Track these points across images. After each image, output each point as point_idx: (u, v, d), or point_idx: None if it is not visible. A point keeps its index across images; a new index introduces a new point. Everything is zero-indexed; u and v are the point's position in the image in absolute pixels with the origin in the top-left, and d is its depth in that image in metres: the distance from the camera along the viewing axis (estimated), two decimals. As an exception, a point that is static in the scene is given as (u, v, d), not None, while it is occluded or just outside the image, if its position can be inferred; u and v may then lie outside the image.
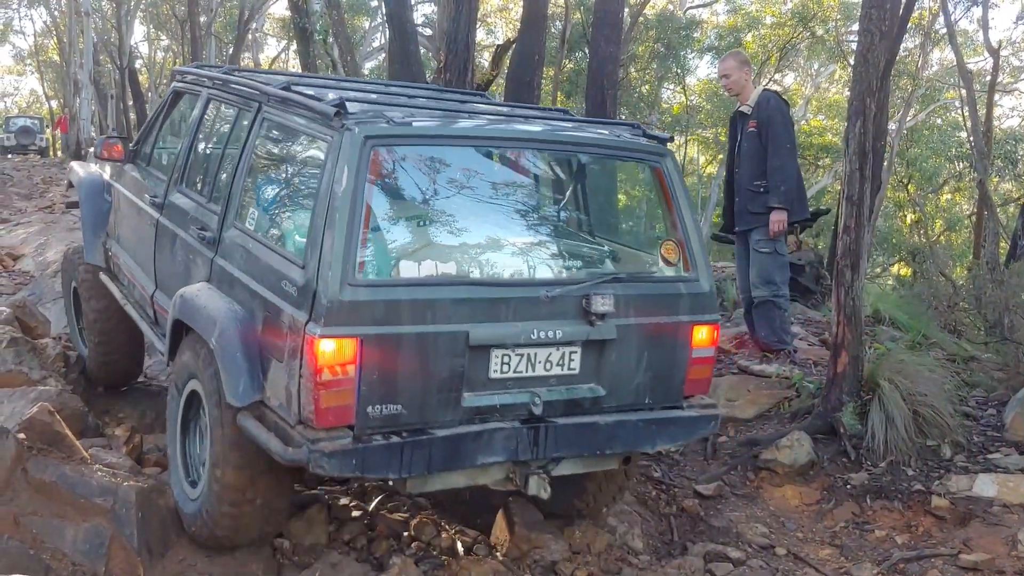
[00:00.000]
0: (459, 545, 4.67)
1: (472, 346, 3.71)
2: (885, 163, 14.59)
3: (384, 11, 15.32)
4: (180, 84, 5.63)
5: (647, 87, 23.47)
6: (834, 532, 5.11)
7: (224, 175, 4.52)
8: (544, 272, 4.14)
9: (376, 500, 5.08)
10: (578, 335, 3.92)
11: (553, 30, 19.38)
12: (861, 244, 5.66)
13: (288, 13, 19.12)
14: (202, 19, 27.18)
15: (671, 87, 25.50)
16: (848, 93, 7.42)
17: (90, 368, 6.26)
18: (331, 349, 3.45)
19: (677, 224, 4.31)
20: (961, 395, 6.12)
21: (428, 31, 22.85)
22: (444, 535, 4.72)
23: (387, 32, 12.97)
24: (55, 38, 37.19)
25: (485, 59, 21.40)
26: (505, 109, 5.05)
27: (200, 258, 4.44)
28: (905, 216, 23.77)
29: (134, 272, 5.44)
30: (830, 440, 5.64)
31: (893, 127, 19.14)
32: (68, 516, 3.92)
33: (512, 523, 4.69)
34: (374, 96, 4.47)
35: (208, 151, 4.96)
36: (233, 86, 4.82)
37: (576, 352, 3.95)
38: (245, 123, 4.50)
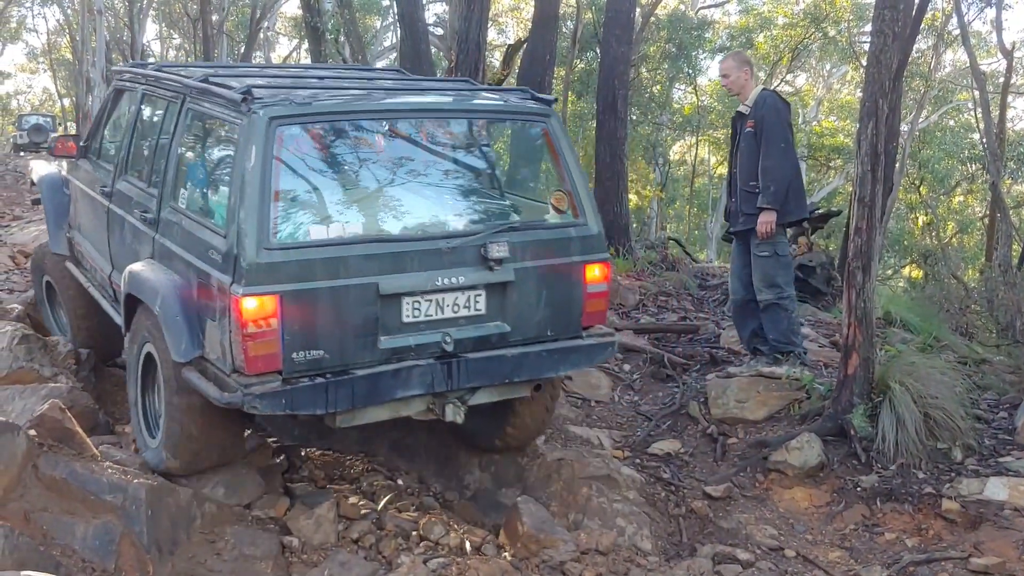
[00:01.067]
0: (467, 544, 4.66)
1: (383, 295, 4.23)
2: (897, 165, 14.54)
3: (396, 10, 15.33)
4: (119, 83, 6.10)
5: (658, 87, 23.41)
6: (844, 534, 5.09)
7: (159, 162, 4.99)
8: (444, 227, 4.58)
9: (385, 499, 5.09)
10: (480, 279, 4.47)
11: (564, 30, 19.34)
12: (873, 246, 5.64)
13: (300, 12, 19.14)
14: (214, 18, 27.27)
15: (682, 87, 25.44)
16: (860, 94, 7.37)
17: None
18: (253, 306, 3.96)
19: (564, 176, 4.84)
20: (972, 398, 6.09)
21: (440, 30, 22.88)
22: (452, 534, 4.72)
23: (398, 31, 12.99)
24: (68, 36, 37.32)
25: (496, 59, 21.41)
26: (411, 83, 5.58)
27: (144, 237, 4.94)
28: (917, 218, 23.68)
29: (93, 256, 5.87)
30: (840, 442, 5.62)
31: (905, 129, 19.07)
32: (78, 513, 3.93)
33: (521, 523, 4.69)
34: (287, 80, 4.96)
35: (145, 141, 5.39)
36: (162, 81, 5.29)
37: (481, 295, 4.51)
38: (173, 114, 5.00)
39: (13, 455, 3.83)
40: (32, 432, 4.10)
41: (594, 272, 4.78)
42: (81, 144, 6.24)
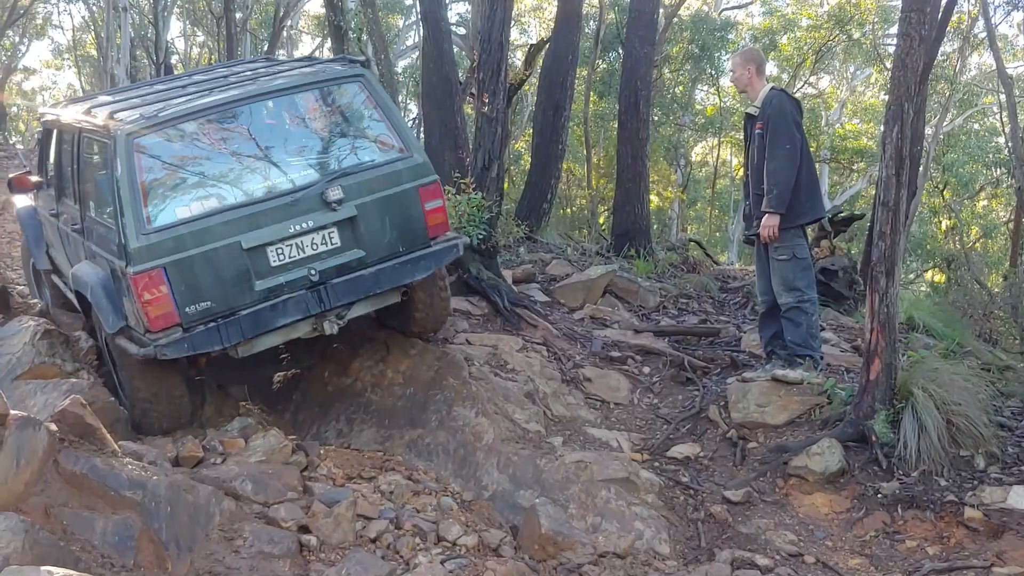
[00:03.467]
0: (485, 545, 4.66)
1: (247, 249, 5.30)
2: (921, 168, 14.41)
3: (418, 10, 15.33)
4: (44, 122, 7.32)
5: (680, 88, 23.29)
6: (864, 541, 5.05)
7: (76, 182, 6.13)
8: (286, 185, 5.55)
9: (403, 499, 5.08)
10: (327, 220, 5.52)
11: (587, 30, 19.27)
12: (896, 250, 5.58)
13: (323, 11, 19.20)
14: (238, 16, 27.36)
15: (705, 88, 25.31)
16: (884, 97, 7.29)
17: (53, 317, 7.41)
18: (144, 280, 5.08)
19: (385, 120, 5.88)
20: (996, 405, 6.02)
21: (462, 30, 22.85)
22: (470, 535, 4.72)
23: (421, 31, 12.96)
24: (93, 33, 37.48)
25: (519, 58, 21.40)
26: (257, 71, 6.43)
27: (79, 243, 6.06)
28: (940, 222, 23.48)
29: (63, 267, 6.81)
30: (861, 448, 5.57)
31: (930, 132, 18.91)
32: (98, 508, 3.95)
33: (539, 525, 4.68)
34: (142, 99, 5.94)
35: (67, 168, 6.42)
36: (67, 118, 6.35)
37: (333, 232, 5.57)
38: (77, 143, 6.10)
39: (34, 450, 3.85)
40: (53, 427, 4.11)
41: (428, 192, 5.80)
42: (35, 179, 7.30)
